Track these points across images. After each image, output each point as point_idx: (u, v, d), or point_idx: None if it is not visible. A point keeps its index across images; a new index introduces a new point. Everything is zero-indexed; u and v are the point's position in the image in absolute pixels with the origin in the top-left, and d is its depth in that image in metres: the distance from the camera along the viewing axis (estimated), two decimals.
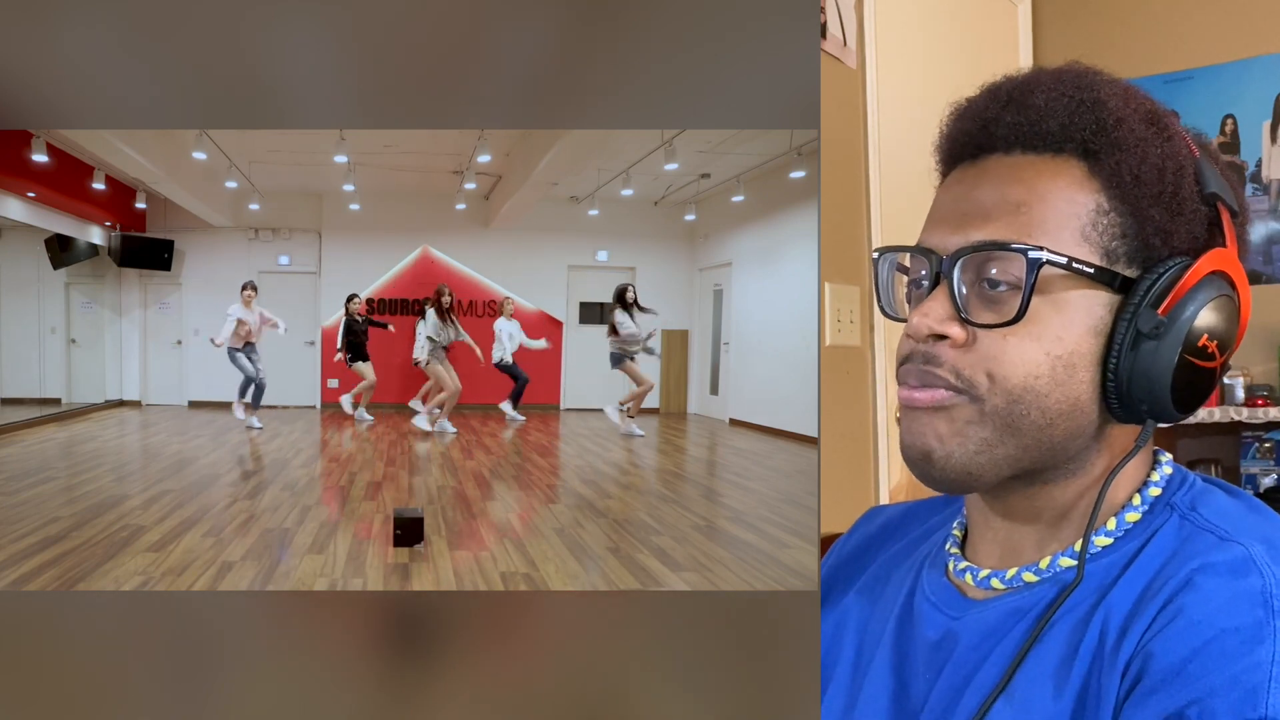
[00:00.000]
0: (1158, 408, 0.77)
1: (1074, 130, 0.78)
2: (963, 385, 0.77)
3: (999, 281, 0.77)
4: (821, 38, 2.63)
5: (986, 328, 0.77)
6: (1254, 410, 3.30)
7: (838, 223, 2.74)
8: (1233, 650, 0.67)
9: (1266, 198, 3.64)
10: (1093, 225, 0.77)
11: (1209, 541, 0.75)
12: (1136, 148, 0.77)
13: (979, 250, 0.77)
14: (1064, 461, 0.80)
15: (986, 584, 0.84)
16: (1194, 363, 0.76)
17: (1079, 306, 0.76)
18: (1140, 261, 0.77)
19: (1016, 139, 0.80)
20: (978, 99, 0.83)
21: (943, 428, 0.78)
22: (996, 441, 0.77)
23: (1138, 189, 0.77)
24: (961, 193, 0.81)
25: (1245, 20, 3.63)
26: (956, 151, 0.84)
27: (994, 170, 0.80)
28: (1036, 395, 0.76)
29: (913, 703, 0.85)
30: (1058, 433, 0.78)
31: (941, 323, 0.77)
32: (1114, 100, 0.78)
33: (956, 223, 0.79)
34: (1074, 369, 0.77)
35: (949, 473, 0.78)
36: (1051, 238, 0.76)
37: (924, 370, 0.78)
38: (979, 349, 0.77)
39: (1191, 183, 0.78)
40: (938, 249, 0.79)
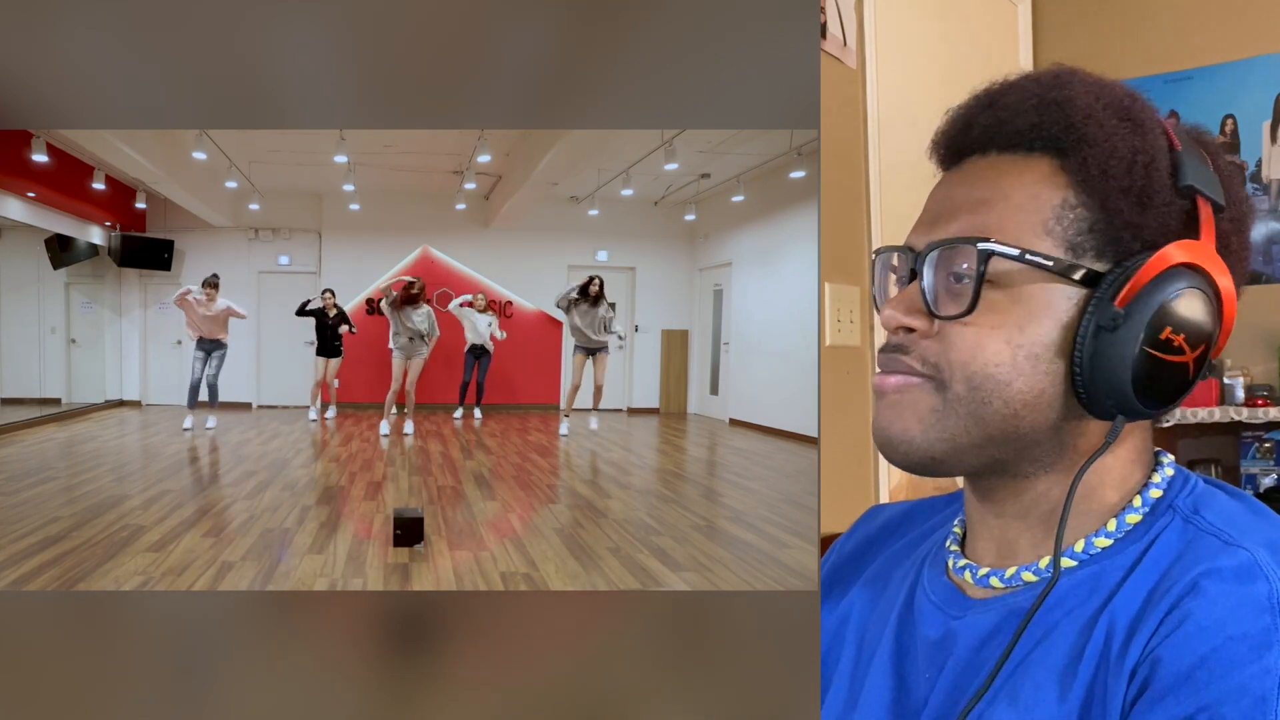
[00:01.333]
0: (1124, 402, 0.77)
1: (1044, 128, 0.79)
2: (927, 371, 0.80)
3: (962, 275, 0.79)
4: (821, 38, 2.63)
5: (947, 319, 0.79)
6: (1254, 410, 3.30)
7: (838, 223, 2.74)
8: (1241, 657, 0.67)
9: (1266, 198, 3.64)
10: (1056, 220, 0.78)
11: (1214, 546, 0.75)
12: (1105, 141, 0.77)
13: (941, 245, 0.80)
14: (1037, 455, 0.80)
15: (986, 582, 0.84)
16: (1158, 356, 0.76)
17: (1040, 299, 0.78)
18: (1110, 255, 0.78)
19: (991, 140, 0.82)
20: (965, 103, 0.86)
21: (906, 412, 0.80)
22: (960, 430, 0.79)
23: (1105, 182, 0.77)
24: (941, 194, 0.85)
25: (1245, 20, 3.62)
26: (944, 155, 0.87)
27: (970, 171, 0.84)
28: (997, 384, 0.78)
29: (913, 702, 0.85)
30: (1023, 424, 0.78)
31: (908, 314, 0.80)
32: (1084, 97, 0.79)
33: (932, 221, 0.83)
34: (1037, 360, 0.77)
35: (911, 455, 0.81)
36: (1012, 233, 0.78)
37: (892, 358, 0.82)
38: (943, 339, 0.79)
39: (1165, 175, 0.77)
40: (915, 246, 0.83)
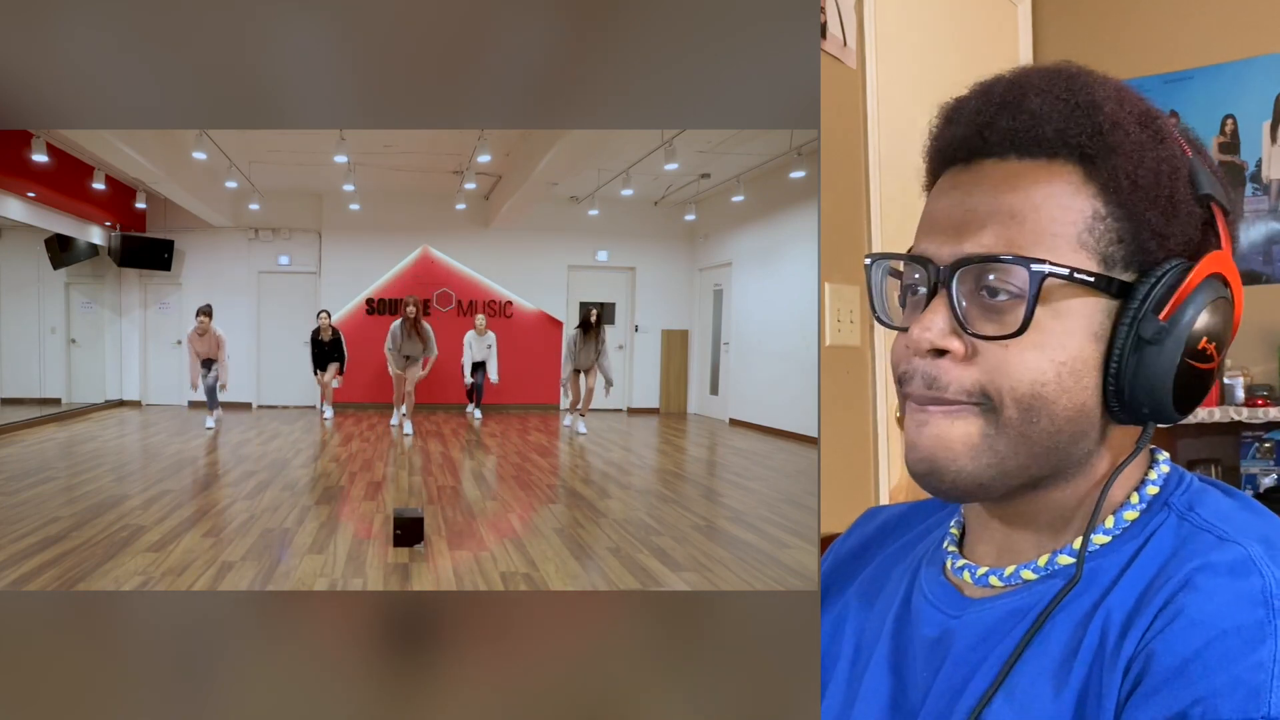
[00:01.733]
0: (1159, 410, 0.77)
1: (1070, 135, 0.77)
2: (974, 398, 0.77)
3: (998, 290, 0.76)
4: (821, 38, 2.63)
5: (988, 339, 0.76)
6: (1254, 410, 3.30)
7: (838, 223, 2.74)
8: (1235, 650, 0.68)
9: (1266, 198, 3.63)
10: (1089, 231, 0.76)
11: (1208, 541, 0.75)
12: (1133, 151, 0.76)
13: (980, 261, 0.76)
14: (1069, 466, 0.80)
15: (984, 582, 0.84)
16: (1194, 365, 0.76)
17: (1079, 313, 0.76)
18: (1136, 265, 0.77)
19: (1011, 144, 0.79)
20: (968, 101, 0.82)
21: (956, 440, 0.77)
22: (1009, 453, 0.77)
23: (1135, 193, 0.76)
24: (957, 199, 0.80)
25: (1245, 20, 3.62)
26: (949, 155, 0.83)
27: (989, 176, 0.79)
28: (1045, 403, 0.76)
29: (911, 702, 0.85)
30: (1064, 438, 0.78)
31: (943, 337, 0.77)
32: (1109, 103, 0.77)
33: (953, 231, 0.78)
34: (1079, 375, 0.76)
35: (960, 483, 0.78)
36: (1048, 246, 0.75)
37: (931, 381, 0.78)
38: (981, 361, 0.77)
39: (1186, 184, 0.78)
40: (935, 258, 0.78)
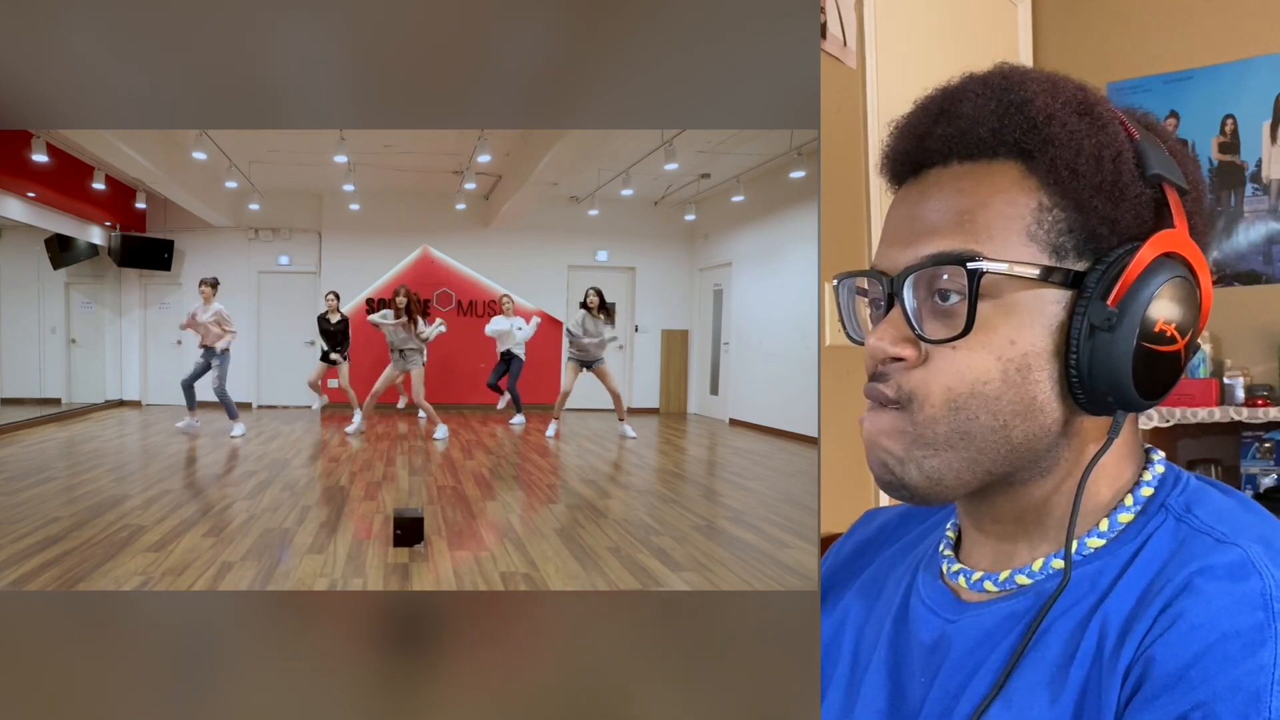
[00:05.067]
0: (1123, 398, 0.77)
1: (1005, 133, 0.78)
2: (900, 399, 0.79)
3: (949, 292, 0.77)
4: (821, 38, 2.63)
5: (937, 343, 0.77)
6: (1254, 410, 3.30)
7: (838, 223, 2.74)
8: (1235, 654, 0.67)
9: (1266, 198, 3.63)
10: (1037, 224, 0.77)
11: (1206, 544, 0.75)
12: (1069, 141, 0.77)
13: (924, 266, 0.78)
14: (1032, 460, 0.80)
15: (980, 586, 0.84)
16: (1154, 349, 0.76)
17: (1030, 307, 0.77)
18: (1090, 253, 0.77)
19: (951, 150, 0.80)
20: (912, 115, 0.84)
21: (893, 444, 0.79)
22: (945, 447, 0.78)
23: (1076, 181, 0.77)
24: (906, 211, 0.82)
25: (1245, 20, 3.62)
26: (899, 171, 0.85)
27: (935, 183, 0.81)
28: (985, 399, 0.77)
29: (909, 706, 0.85)
30: (1015, 434, 0.78)
31: (896, 344, 0.79)
32: (1041, 97, 0.78)
33: (905, 241, 0.80)
34: (1028, 370, 0.77)
35: (908, 484, 0.79)
36: (999, 243, 0.76)
37: (873, 388, 0.80)
38: (931, 364, 0.78)
39: (1132, 167, 0.78)
40: (888, 269, 0.80)
